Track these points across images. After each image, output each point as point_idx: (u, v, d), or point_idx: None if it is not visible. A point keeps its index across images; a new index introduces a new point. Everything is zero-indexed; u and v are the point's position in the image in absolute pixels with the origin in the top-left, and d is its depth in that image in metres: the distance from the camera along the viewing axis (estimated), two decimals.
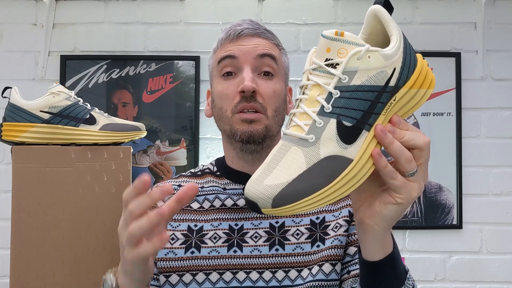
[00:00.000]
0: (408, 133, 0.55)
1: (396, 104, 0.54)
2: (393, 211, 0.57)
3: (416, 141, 0.55)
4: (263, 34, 0.86)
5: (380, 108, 0.53)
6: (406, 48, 0.54)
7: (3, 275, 1.65)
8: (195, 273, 0.79)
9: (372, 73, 0.51)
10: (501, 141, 1.75)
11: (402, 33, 0.55)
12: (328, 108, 0.51)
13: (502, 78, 1.77)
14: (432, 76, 0.57)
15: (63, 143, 1.21)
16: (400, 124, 0.56)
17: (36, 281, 1.17)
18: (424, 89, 0.56)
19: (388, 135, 0.53)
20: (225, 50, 0.84)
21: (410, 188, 0.55)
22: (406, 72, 0.53)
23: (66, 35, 1.75)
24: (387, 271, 0.62)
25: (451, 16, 1.77)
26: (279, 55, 0.87)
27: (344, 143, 0.51)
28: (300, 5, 1.76)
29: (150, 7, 1.76)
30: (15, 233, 1.19)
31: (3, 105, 1.25)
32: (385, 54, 0.52)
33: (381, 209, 0.57)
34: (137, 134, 1.26)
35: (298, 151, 0.51)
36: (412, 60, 0.55)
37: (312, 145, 0.51)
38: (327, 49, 0.52)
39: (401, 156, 0.54)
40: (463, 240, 1.73)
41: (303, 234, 0.81)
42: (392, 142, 0.53)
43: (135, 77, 1.72)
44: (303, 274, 0.78)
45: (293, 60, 1.00)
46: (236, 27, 0.85)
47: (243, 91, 0.79)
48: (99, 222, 1.16)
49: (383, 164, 0.53)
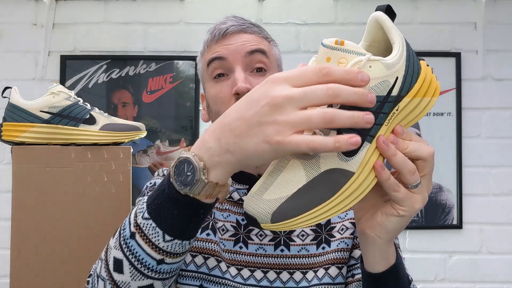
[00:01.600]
0: (412, 144, 0.53)
1: (399, 114, 0.52)
2: (396, 224, 0.55)
3: (420, 152, 0.54)
4: (249, 29, 0.82)
5: (382, 119, 0.51)
6: (409, 56, 0.52)
7: (3, 275, 1.65)
8: (207, 257, 0.78)
9: (374, 83, 0.49)
10: (501, 141, 1.75)
11: (405, 40, 0.53)
12: None
13: (502, 78, 1.77)
14: (437, 83, 0.55)
15: (63, 143, 1.21)
16: (404, 134, 0.54)
17: (36, 281, 1.17)
18: (429, 97, 0.54)
19: (390, 147, 0.51)
20: (212, 52, 0.81)
21: (413, 200, 0.54)
22: (409, 81, 0.52)
23: (66, 35, 1.75)
24: (390, 283, 0.60)
25: (451, 16, 1.77)
26: (269, 48, 0.84)
27: (345, 156, 0.49)
28: (300, 5, 1.76)
29: (150, 7, 1.76)
30: (15, 233, 1.19)
31: (3, 105, 1.25)
32: (387, 63, 0.50)
33: (383, 220, 0.56)
34: (137, 134, 1.26)
35: (298, 164, 0.50)
36: (416, 68, 0.53)
37: (312, 157, 0.50)
38: (327, 59, 0.50)
39: (404, 168, 0.52)
40: (463, 240, 1.73)
41: (308, 235, 0.80)
42: (394, 154, 0.51)
43: (135, 77, 1.72)
44: (308, 276, 0.77)
45: (293, 60, 1.00)
46: (220, 26, 0.82)
47: (237, 93, 0.76)
48: (99, 222, 1.16)
49: (386, 177, 0.52)
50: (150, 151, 1.70)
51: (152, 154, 1.70)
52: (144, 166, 1.70)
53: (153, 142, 1.70)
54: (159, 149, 1.70)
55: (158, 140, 1.70)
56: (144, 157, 1.70)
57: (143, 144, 1.70)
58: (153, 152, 1.70)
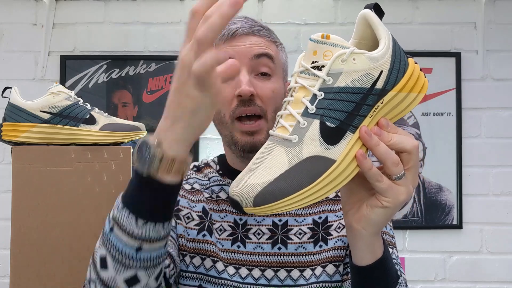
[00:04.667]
0: (396, 136, 0.54)
1: (384, 107, 0.54)
2: (380, 215, 0.56)
3: (404, 145, 0.54)
4: (258, 32, 0.82)
5: (366, 111, 0.52)
6: (395, 52, 0.54)
7: (3, 275, 1.65)
8: (204, 258, 0.79)
9: (357, 75, 0.51)
10: (501, 141, 1.75)
11: (392, 37, 0.55)
12: (312, 109, 0.51)
13: (502, 78, 1.77)
14: (425, 80, 0.56)
15: (63, 143, 1.20)
16: (388, 127, 0.55)
17: (36, 281, 1.17)
18: (415, 93, 0.55)
19: (373, 137, 0.52)
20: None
21: (397, 191, 0.54)
22: (394, 75, 0.53)
23: (66, 35, 1.75)
24: (377, 276, 0.61)
25: (451, 16, 1.77)
26: (276, 52, 0.84)
27: (327, 144, 0.51)
28: (300, 5, 1.76)
29: (150, 7, 1.76)
30: (15, 233, 1.18)
31: (3, 105, 1.24)
32: (371, 56, 0.52)
33: (368, 212, 0.56)
34: (137, 134, 1.25)
35: (282, 152, 0.52)
36: (402, 64, 0.54)
37: (295, 145, 0.51)
38: (313, 52, 0.52)
39: (387, 158, 0.53)
40: (463, 240, 1.73)
41: (305, 233, 0.80)
42: (377, 144, 0.53)
43: (135, 77, 1.72)
44: (306, 274, 0.78)
45: (293, 60, 1.00)
46: (230, 26, 0.81)
47: (240, 95, 0.76)
48: (99, 222, 1.16)
49: (368, 166, 0.52)
50: None
51: None
52: None
53: None
54: None
55: None
56: None
57: None
58: None
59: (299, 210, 0.82)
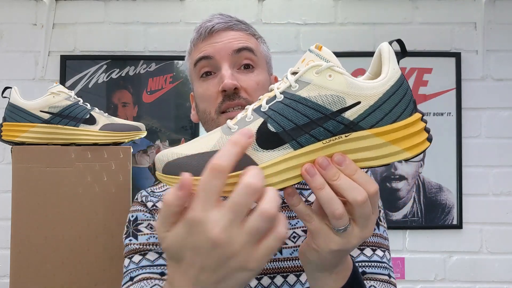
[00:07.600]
0: (344, 179, 0.45)
1: (349, 143, 0.48)
2: (314, 257, 0.49)
3: (349, 194, 0.44)
4: (235, 26, 0.81)
5: (320, 134, 0.47)
6: (393, 94, 0.48)
7: (3, 275, 1.65)
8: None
9: (325, 93, 0.47)
10: (501, 141, 1.75)
11: (400, 79, 0.49)
12: (264, 107, 0.50)
13: (502, 78, 1.77)
14: (424, 143, 0.49)
15: (63, 143, 1.20)
16: (343, 165, 0.46)
17: (36, 281, 1.17)
18: (399, 147, 0.48)
19: (316, 178, 0.44)
20: (199, 51, 0.80)
21: (327, 238, 0.46)
22: (377, 116, 0.47)
23: (66, 35, 1.75)
24: None
25: (451, 16, 1.77)
26: (256, 45, 0.82)
27: (258, 145, 0.48)
28: (300, 5, 1.76)
29: (150, 7, 1.76)
30: (15, 233, 1.18)
31: (3, 105, 1.24)
32: (352, 82, 0.47)
33: (304, 249, 0.51)
34: (137, 134, 1.25)
35: (218, 135, 0.50)
36: (397, 110, 0.48)
37: (231, 134, 0.49)
38: (303, 60, 0.51)
39: (327, 208, 0.45)
40: (463, 240, 1.73)
41: (300, 237, 0.78)
42: (320, 188, 0.44)
43: (135, 77, 1.72)
44: (302, 279, 0.76)
45: (293, 60, 1.00)
46: (206, 23, 0.80)
47: (224, 90, 0.75)
48: (99, 222, 1.16)
49: (294, 203, 0.46)
50: (150, 151, 1.70)
51: (152, 154, 1.70)
52: (144, 166, 1.70)
53: (153, 142, 1.70)
54: (159, 149, 1.70)
55: (158, 140, 1.70)
56: (144, 157, 1.70)
57: (143, 144, 1.70)
58: (153, 152, 1.70)
59: (292, 213, 0.79)
